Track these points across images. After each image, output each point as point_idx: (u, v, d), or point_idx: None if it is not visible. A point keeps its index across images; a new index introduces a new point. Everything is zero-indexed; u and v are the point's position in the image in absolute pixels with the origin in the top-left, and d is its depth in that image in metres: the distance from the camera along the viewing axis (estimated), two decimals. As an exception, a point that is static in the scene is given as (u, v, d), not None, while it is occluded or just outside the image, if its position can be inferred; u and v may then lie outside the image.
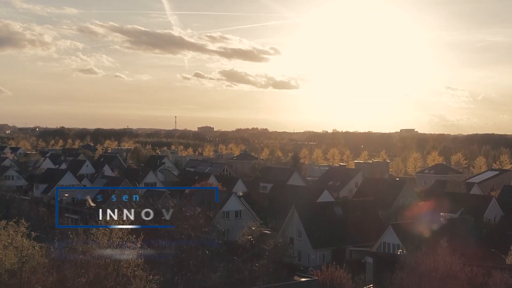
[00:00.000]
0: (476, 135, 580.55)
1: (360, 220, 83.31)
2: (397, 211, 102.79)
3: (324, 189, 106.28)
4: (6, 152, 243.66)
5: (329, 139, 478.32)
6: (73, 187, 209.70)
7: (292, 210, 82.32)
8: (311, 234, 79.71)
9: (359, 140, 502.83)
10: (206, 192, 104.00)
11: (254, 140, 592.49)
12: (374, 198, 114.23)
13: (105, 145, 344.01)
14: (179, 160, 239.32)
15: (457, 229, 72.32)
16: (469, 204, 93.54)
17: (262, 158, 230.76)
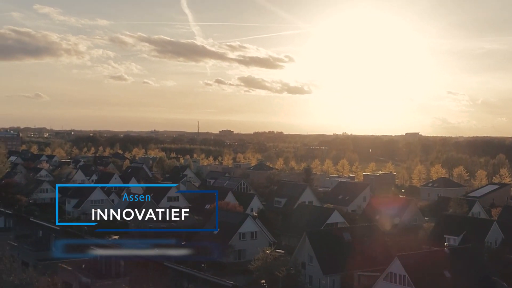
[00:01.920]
0: (476, 138, 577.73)
1: (367, 245, 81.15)
2: (403, 231, 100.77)
3: (334, 210, 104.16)
4: (42, 162, 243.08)
5: (339, 144, 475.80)
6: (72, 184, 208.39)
7: (303, 237, 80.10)
8: (322, 260, 77.57)
9: (367, 144, 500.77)
10: (223, 213, 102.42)
11: (270, 144, 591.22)
12: (380, 216, 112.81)
13: (133, 153, 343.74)
14: (200, 169, 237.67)
15: (459, 258, 69.95)
16: (471, 227, 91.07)
17: (277, 168, 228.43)
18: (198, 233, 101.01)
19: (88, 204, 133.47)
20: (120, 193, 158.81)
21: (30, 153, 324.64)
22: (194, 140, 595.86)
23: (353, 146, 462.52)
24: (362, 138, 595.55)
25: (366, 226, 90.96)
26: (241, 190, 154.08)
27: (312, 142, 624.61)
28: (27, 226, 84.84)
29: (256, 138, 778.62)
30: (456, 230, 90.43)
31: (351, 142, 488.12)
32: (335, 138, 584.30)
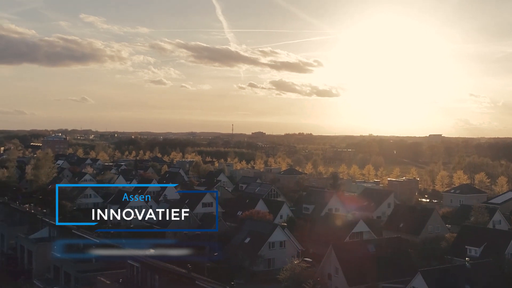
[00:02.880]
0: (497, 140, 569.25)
1: (392, 256, 79.76)
2: (426, 241, 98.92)
3: (360, 220, 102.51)
4: (86, 166, 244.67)
5: (365, 146, 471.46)
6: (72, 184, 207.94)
7: (330, 249, 79.00)
8: (347, 271, 76.27)
9: (392, 146, 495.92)
10: (254, 222, 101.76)
11: (300, 146, 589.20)
12: (404, 225, 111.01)
13: (171, 156, 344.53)
14: (233, 174, 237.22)
15: (481, 273, 68.34)
16: (491, 238, 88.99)
17: (306, 173, 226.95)
18: (230, 240, 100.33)
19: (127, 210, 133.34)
20: (157, 198, 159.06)
21: (76, 157, 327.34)
22: (228, 143, 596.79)
23: (378, 148, 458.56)
24: (387, 140, 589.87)
25: (390, 238, 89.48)
26: (272, 196, 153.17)
27: (339, 144, 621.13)
28: (70, 237, 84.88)
29: (287, 140, 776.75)
30: (477, 241, 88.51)
31: (377, 144, 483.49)
32: (361, 140, 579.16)
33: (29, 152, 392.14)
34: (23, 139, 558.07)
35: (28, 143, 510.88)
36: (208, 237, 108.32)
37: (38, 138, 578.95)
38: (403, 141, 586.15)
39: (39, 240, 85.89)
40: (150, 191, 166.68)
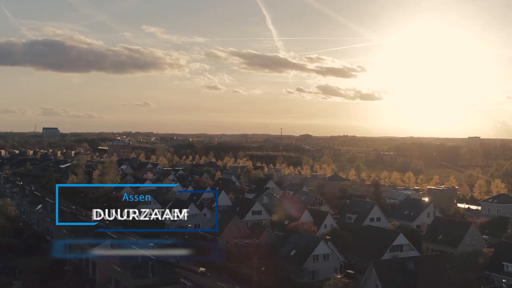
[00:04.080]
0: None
1: (430, 274, 77.20)
2: (463, 256, 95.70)
3: (400, 233, 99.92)
4: (147, 171, 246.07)
5: (406, 150, 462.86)
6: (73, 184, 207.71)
7: (370, 266, 77.02)
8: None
9: (431, 150, 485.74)
10: (299, 235, 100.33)
11: (345, 148, 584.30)
12: (442, 237, 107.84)
13: (224, 161, 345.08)
14: (281, 179, 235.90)
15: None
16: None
17: (349, 179, 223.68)
18: (277, 251, 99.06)
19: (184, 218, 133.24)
20: (211, 206, 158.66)
21: (138, 161, 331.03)
22: (278, 145, 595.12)
23: (418, 151, 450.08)
24: (427, 143, 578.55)
25: (429, 256, 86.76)
26: (316, 204, 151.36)
27: (381, 146, 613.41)
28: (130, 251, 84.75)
29: (332, 142, 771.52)
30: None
31: (417, 148, 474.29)
32: (402, 143, 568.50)
33: (97, 156, 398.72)
34: (92, 142, 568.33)
35: (96, 147, 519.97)
36: (256, 246, 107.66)
37: (105, 141, 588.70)
38: (443, 143, 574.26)
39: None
40: (205, 198, 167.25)
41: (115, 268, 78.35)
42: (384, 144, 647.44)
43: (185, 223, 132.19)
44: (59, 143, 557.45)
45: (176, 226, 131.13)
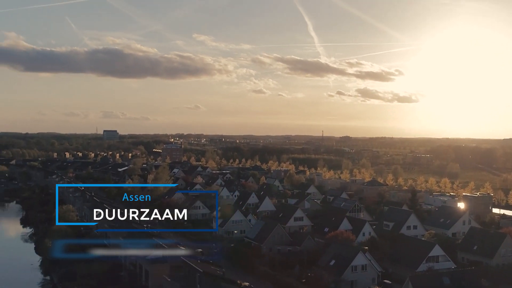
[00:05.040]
0: None
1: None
2: (498, 268, 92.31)
3: (435, 244, 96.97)
4: (197, 175, 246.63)
5: (442, 152, 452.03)
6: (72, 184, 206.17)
7: (407, 281, 75.01)
8: (423, 303, 72.20)
9: (467, 152, 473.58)
10: (338, 246, 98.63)
11: (383, 150, 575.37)
12: (478, 248, 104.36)
13: (269, 164, 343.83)
14: (322, 183, 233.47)
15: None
16: None
17: (387, 184, 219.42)
18: (317, 259, 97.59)
19: (230, 224, 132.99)
20: (256, 211, 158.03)
21: (189, 164, 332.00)
22: (319, 148, 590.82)
23: (454, 154, 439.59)
24: (463, 145, 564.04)
25: (464, 270, 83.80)
26: (355, 211, 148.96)
27: (418, 148, 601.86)
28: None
29: (371, 143, 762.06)
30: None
31: (453, 151, 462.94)
32: (438, 145, 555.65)
33: (152, 159, 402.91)
34: (147, 145, 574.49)
35: (151, 149, 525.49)
36: (297, 254, 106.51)
37: (159, 143, 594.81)
38: (478, 145, 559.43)
39: (154, 261, 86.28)
40: (250, 203, 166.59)
41: (166, 278, 78.50)
42: (421, 146, 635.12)
43: (231, 228, 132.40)
44: (117, 146, 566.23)
45: (223, 231, 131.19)
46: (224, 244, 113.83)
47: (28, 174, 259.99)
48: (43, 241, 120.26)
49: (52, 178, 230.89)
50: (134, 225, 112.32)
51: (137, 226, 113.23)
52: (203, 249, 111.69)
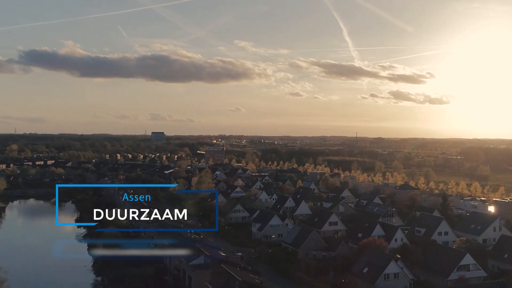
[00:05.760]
0: None
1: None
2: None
3: (466, 253, 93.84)
4: (238, 178, 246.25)
5: (473, 154, 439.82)
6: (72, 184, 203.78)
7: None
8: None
9: (497, 154, 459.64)
10: (371, 253, 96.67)
11: (414, 151, 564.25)
12: (508, 256, 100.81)
13: (305, 166, 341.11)
14: (356, 186, 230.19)
15: None
16: None
17: (418, 188, 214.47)
18: (351, 266, 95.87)
19: (268, 228, 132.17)
20: (292, 215, 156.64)
21: (230, 166, 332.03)
22: (353, 149, 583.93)
23: (485, 155, 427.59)
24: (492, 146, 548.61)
25: (493, 283, 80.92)
26: (388, 216, 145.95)
27: (449, 149, 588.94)
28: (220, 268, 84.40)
29: (403, 144, 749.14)
30: None
31: (483, 152, 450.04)
32: (469, 147, 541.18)
33: (196, 161, 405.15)
34: (192, 147, 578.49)
35: (195, 151, 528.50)
36: (332, 260, 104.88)
37: (203, 145, 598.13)
38: (508, 146, 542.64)
39: (196, 267, 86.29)
40: (287, 207, 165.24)
41: (207, 285, 78.28)
42: (452, 147, 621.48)
43: (269, 232, 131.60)
44: (164, 147, 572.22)
45: (262, 235, 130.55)
46: (262, 249, 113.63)
47: (82, 176, 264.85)
48: (94, 242, 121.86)
49: (104, 180, 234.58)
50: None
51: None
52: (242, 253, 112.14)
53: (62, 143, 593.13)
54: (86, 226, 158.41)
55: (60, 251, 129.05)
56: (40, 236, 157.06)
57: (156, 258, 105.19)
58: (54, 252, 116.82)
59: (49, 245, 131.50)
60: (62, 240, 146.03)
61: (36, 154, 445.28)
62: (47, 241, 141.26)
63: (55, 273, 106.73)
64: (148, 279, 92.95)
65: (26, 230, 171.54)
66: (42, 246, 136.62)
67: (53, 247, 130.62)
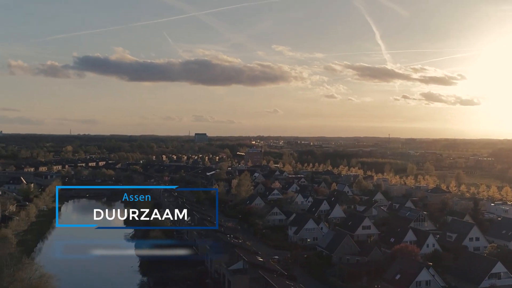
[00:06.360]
0: None
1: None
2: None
3: (497, 261, 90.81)
4: (275, 181, 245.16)
5: (504, 156, 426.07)
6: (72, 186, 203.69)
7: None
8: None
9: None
10: (403, 260, 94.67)
11: (446, 152, 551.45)
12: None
13: (339, 168, 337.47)
14: (388, 189, 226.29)
15: None
16: None
17: (450, 191, 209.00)
18: (384, 272, 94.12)
19: (304, 232, 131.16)
20: (327, 218, 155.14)
21: (268, 168, 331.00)
22: (386, 150, 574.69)
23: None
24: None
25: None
26: (419, 220, 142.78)
27: (480, 150, 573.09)
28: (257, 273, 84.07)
29: (434, 145, 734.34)
30: None
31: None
32: (500, 148, 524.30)
33: (236, 162, 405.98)
34: (232, 147, 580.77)
35: (235, 152, 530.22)
36: (365, 265, 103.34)
37: (242, 146, 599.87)
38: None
39: (236, 272, 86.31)
40: (322, 210, 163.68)
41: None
42: (483, 148, 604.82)
43: (305, 236, 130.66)
44: (206, 148, 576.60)
45: (298, 238, 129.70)
46: (298, 253, 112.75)
47: (131, 178, 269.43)
48: (141, 243, 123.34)
49: (150, 181, 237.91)
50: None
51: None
52: (279, 256, 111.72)
53: (113, 144, 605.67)
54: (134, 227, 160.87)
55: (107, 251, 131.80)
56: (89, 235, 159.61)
57: (198, 260, 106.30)
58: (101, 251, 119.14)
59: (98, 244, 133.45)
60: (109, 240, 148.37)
61: (89, 156, 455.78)
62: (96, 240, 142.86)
63: (103, 274, 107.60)
64: (190, 282, 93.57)
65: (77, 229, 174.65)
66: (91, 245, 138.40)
67: (100, 246, 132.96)
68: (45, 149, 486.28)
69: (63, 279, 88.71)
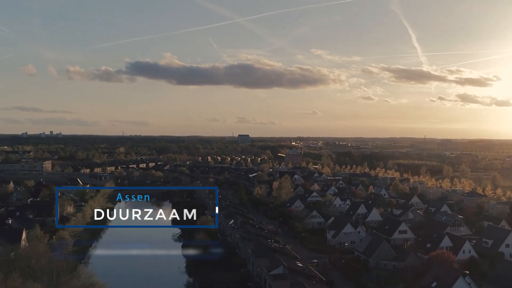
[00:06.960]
0: None
1: None
2: None
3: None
4: (314, 183, 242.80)
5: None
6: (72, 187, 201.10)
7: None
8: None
9: None
10: (440, 267, 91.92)
11: (482, 154, 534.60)
12: None
13: (376, 170, 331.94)
14: (424, 192, 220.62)
15: None
16: None
17: (486, 195, 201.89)
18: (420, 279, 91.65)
19: (342, 236, 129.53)
20: (364, 221, 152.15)
21: (307, 170, 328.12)
22: (422, 152, 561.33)
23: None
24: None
25: None
26: (455, 225, 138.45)
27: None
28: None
29: (470, 146, 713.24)
30: None
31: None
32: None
33: (277, 164, 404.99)
34: (273, 149, 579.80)
35: (276, 153, 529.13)
36: (400, 270, 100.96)
37: (283, 147, 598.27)
38: None
39: (276, 277, 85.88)
40: (359, 213, 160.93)
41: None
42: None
43: (343, 239, 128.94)
44: (249, 150, 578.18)
45: (336, 242, 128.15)
46: (336, 257, 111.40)
47: (178, 179, 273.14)
48: (187, 243, 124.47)
49: (196, 183, 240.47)
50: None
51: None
52: (318, 260, 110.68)
53: (162, 145, 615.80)
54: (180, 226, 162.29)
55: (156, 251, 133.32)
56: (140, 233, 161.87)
57: (240, 263, 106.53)
58: (150, 251, 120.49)
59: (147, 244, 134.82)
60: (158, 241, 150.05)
61: (140, 157, 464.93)
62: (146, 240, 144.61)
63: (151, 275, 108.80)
64: (233, 284, 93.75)
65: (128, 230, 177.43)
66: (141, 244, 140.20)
67: (149, 246, 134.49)
68: (99, 150, 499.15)
69: (113, 281, 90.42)
